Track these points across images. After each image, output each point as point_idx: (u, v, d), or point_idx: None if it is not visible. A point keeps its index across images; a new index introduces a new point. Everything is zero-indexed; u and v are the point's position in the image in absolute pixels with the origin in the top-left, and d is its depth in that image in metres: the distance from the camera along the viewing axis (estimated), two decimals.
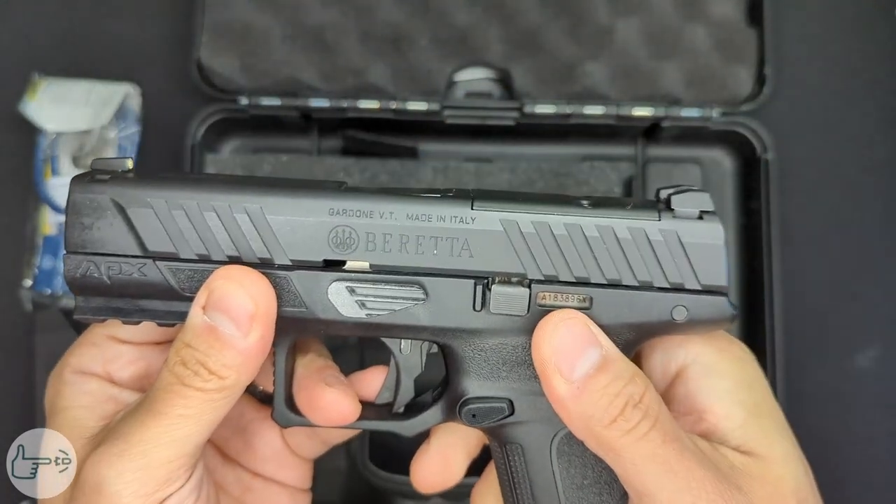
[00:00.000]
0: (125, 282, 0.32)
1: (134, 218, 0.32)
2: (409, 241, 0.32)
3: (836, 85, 0.61)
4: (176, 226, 0.32)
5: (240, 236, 0.32)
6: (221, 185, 0.33)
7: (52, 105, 0.58)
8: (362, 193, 0.33)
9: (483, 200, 0.32)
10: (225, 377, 0.30)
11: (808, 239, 0.59)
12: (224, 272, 0.31)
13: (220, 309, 0.30)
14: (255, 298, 0.31)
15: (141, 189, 0.32)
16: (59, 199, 0.58)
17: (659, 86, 0.56)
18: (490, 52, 0.57)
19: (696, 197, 0.33)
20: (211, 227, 0.32)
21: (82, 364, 0.36)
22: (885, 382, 0.57)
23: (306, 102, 0.56)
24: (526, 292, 0.32)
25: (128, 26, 0.62)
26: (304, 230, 0.32)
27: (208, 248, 0.32)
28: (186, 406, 0.30)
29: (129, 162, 0.34)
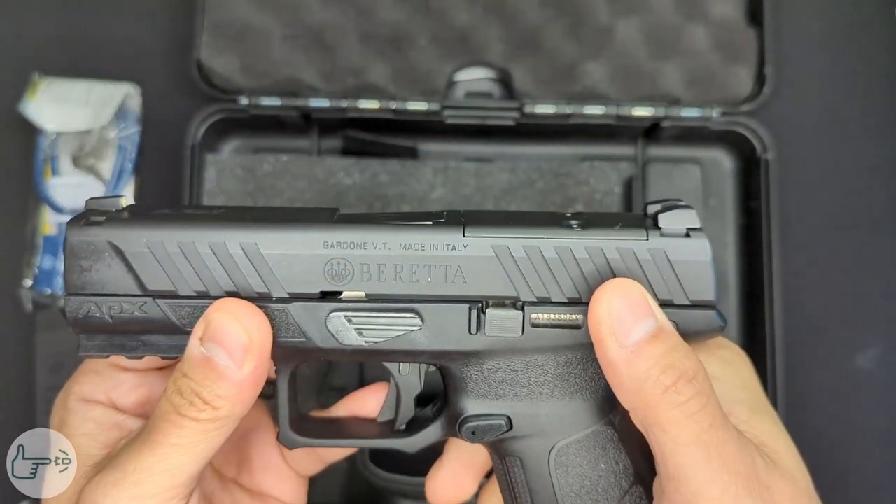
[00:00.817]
0: (127, 320, 0.33)
1: (132, 259, 0.33)
2: (403, 270, 0.33)
3: (836, 85, 0.61)
4: (173, 265, 0.32)
5: (237, 272, 0.32)
6: (216, 221, 0.33)
7: (52, 105, 0.58)
8: (355, 224, 0.33)
9: (474, 226, 0.33)
10: (219, 407, 0.31)
11: (808, 239, 0.59)
12: (220, 305, 0.31)
13: (215, 341, 0.31)
14: (249, 331, 0.31)
15: (136, 230, 0.33)
16: (59, 199, 0.58)
17: (659, 86, 0.56)
18: (490, 52, 0.57)
19: (682, 214, 0.34)
20: (208, 264, 0.32)
21: (85, 392, 0.36)
22: (885, 382, 0.57)
23: (306, 102, 0.56)
24: (519, 315, 0.33)
25: (128, 26, 0.62)
26: (300, 264, 0.32)
27: (206, 284, 0.33)
28: (181, 436, 0.31)
29: (123, 200, 0.34)
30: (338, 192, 0.57)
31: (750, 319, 0.57)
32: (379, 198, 0.57)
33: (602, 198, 0.57)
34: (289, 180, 0.57)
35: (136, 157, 0.59)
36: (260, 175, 0.57)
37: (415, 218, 0.34)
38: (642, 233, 0.33)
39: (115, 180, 0.58)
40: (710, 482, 0.29)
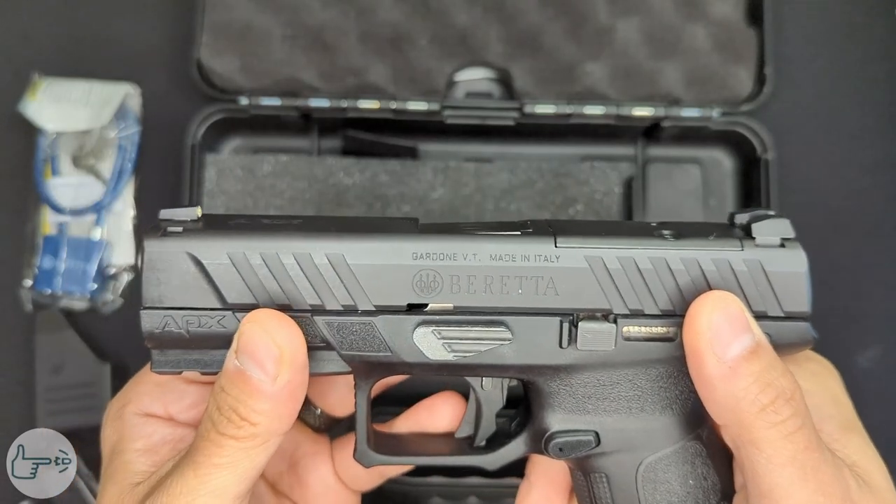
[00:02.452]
0: (205, 335, 0.32)
1: (212, 271, 0.31)
2: (493, 281, 0.32)
3: (836, 85, 0.61)
4: (255, 277, 0.31)
5: (322, 284, 0.32)
6: (299, 231, 0.32)
7: (52, 105, 0.58)
8: (444, 235, 0.32)
9: (565, 236, 0.32)
10: (255, 423, 0.30)
11: (808, 239, 0.59)
12: (252, 316, 0.30)
13: (247, 353, 0.30)
14: (279, 342, 0.30)
15: (217, 240, 0.31)
16: (59, 199, 0.58)
17: (659, 86, 0.56)
18: (490, 52, 0.57)
19: (777, 224, 0.33)
20: (291, 276, 0.31)
21: (144, 405, 0.35)
22: (885, 382, 0.57)
23: (306, 102, 0.56)
24: (612, 328, 0.32)
25: (128, 26, 0.62)
26: (388, 275, 0.31)
27: (289, 297, 0.31)
28: (221, 455, 0.30)
29: (198, 210, 0.33)
30: (338, 192, 0.57)
31: None
32: (379, 198, 0.57)
33: (602, 198, 0.57)
34: (289, 180, 0.57)
35: (136, 157, 0.59)
36: (260, 175, 0.57)
37: (500, 228, 0.33)
38: (737, 243, 0.32)
39: (115, 180, 0.58)
40: (805, 503, 0.29)
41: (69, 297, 0.57)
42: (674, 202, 0.59)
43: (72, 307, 0.57)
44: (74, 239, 0.57)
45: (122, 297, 0.58)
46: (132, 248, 0.58)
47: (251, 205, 0.57)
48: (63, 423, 0.54)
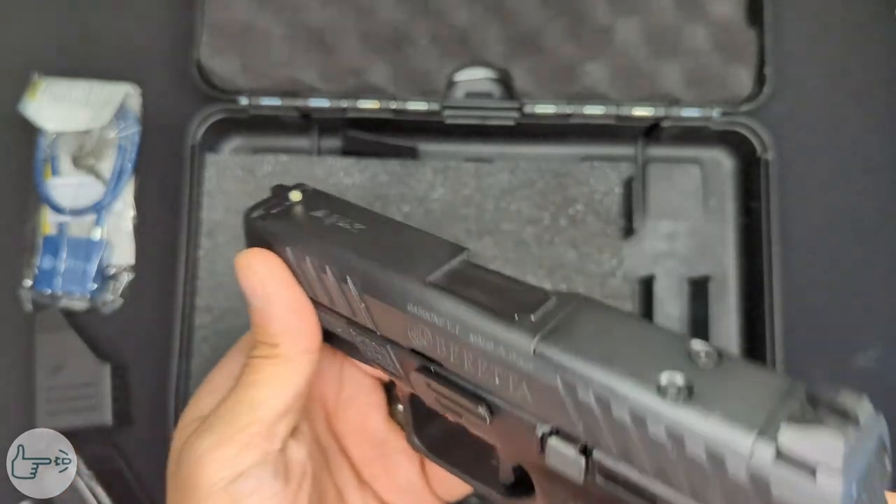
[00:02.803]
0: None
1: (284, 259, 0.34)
2: (476, 358, 0.28)
3: (836, 85, 0.61)
4: (301, 273, 0.33)
5: (344, 304, 0.32)
6: (341, 247, 0.32)
7: (52, 105, 0.58)
8: (445, 293, 0.29)
9: (549, 342, 0.26)
10: (275, 343, 0.32)
11: (808, 239, 0.59)
12: (237, 259, 0.33)
13: (246, 290, 0.33)
14: (255, 269, 0.33)
15: (286, 236, 0.33)
16: (59, 199, 0.58)
17: (659, 86, 0.56)
18: (490, 52, 0.57)
19: (824, 439, 0.21)
20: (329, 289, 0.33)
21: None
22: (885, 382, 0.57)
23: (306, 102, 0.56)
24: (581, 459, 0.26)
25: (128, 26, 0.62)
26: (391, 315, 0.31)
27: (324, 298, 0.33)
28: (255, 372, 0.32)
29: (294, 194, 0.36)
30: (338, 192, 0.57)
31: (750, 319, 0.57)
32: (379, 198, 0.57)
33: (602, 198, 0.57)
34: (289, 180, 0.57)
35: (136, 157, 0.59)
36: (260, 175, 0.57)
37: (515, 297, 0.28)
38: (749, 437, 0.21)
39: (115, 180, 0.58)
40: None
41: (69, 297, 0.57)
42: (674, 202, 0.59)
43: (72, 307, 0.57)
44: (74, 239, 0.57)
45: (122, 297, 0.58)
46: (132, 248, 0.58)
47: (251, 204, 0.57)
48: (63, 423, 0.54)
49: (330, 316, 0.33)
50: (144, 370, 0.57)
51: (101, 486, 0.53)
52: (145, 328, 0.57)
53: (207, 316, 0.55)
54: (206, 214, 0.56)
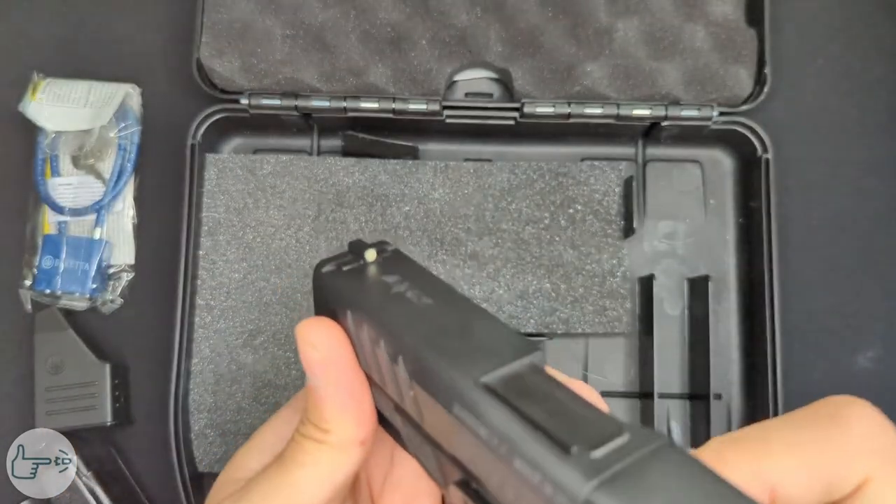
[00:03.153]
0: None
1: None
2: (519, 490, 0.23)
3: (836, 85, 0.61)
4: (360, 344, 0.30)
5: (392, 384, 0.29)
6: (404, 338, 0.27)
7: (52, 105, 0.58)
8: (494, 401, 0.24)
9: (607, 492, 0.20)
10: (327, 429, 0.29)
11: (808, 239, 0.59)
12: (297, 328, 0.30)
13: (303, 362, 0.30)
14: (314, 343, 0.29)
15: (349, 298, 0.30)
16: (59, 199, 0.58)
17: (659, 86, 0.56)
18: (490, 52, 0.57)
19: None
20: (383, 370, 0.29)
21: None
22: (885, 382, 0.57)
23: (306, 102, 0.56)
24: None
25: (128, 26, 0.62)
26: (438, 414, 0.26)
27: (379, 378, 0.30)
28: (303, 453, 0.29)
29: (370, 254, 0.31)
30: (338, 192, 0.57)
31: (750, 319, 0.57)
32: (379, 198, 0.57)
33: (602, 198, 0.57)
34: (289, 180, 0.57)
35: (136, 157, 0.59)
36: (260, 175, 0.57)
37: (581, 423, 0.23)
38: None
39: (114, 180, 0.58)
40: None
41: (69, 296, 0.57)
42: (674, 202, 0.59)
43: (72, 307, 0.57)
44: (74, 239, 0.57)
45: (122, 297, 0.58)
46: (132, 248, 0.58)
47: (251, 204, 0.57)
48: (63, 423, 0.54)
49: (380, 395, 0.30)
50: (144, 370, 0.57)
51: (101, 486, 0.53)
52: (145, 328, 0.57)
53: (207, 316, 0.55)
54: (207, 214, 0.56)
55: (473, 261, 0.56)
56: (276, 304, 0.56)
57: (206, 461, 0.54)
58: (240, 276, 0.56)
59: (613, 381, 0.57)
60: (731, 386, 0.56)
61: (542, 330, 0.56)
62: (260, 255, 0.56)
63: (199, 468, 0.54)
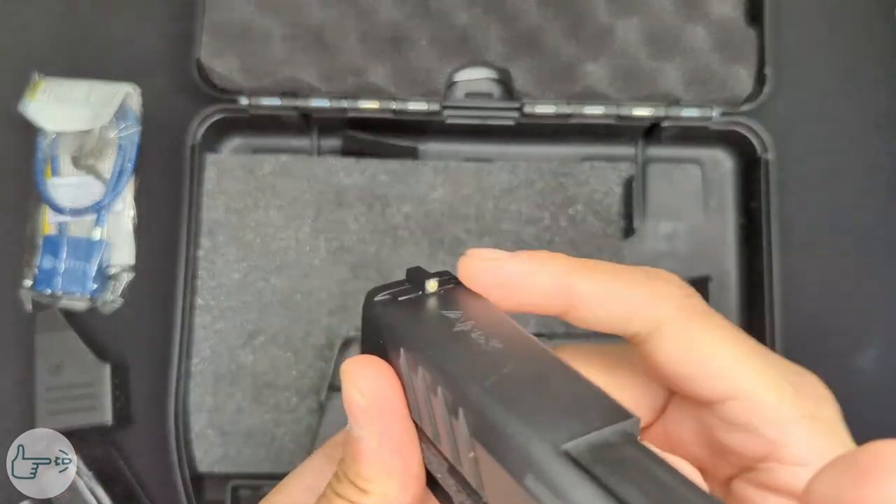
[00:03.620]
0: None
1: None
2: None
3: (836, 85, 0.61)
4: (412, 389, 0.26)
5: (449, 441, 0.24)
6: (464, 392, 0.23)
7: (52, 105, 0.58)
8: (577, 480, 0.20)
9: None
10: (364, 489, 0.25)
11: (808, 239, 0.59)
12: (343, 367, 0.26)
13: (346, 409, 0.25)
14: (362, 390, 0.25)
15: (401, 333, 0.26)
16: (59, 199, 0.58)
17: (659, 86, 0.56)
18: (490, 52, 0.57)
19: None
20: (437, 418, 0.25)
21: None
22: (885, 382, 0.57)
23: (306, 102, 0.56)
24: None
25: (128, 26, 0.62)
26: (504, 484, 0.22)
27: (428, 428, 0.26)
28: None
29: (431, 284, 0.27)
30: (338, 192, 0.57)
31: (750, 319, 0.57)
32: (379, 198, 0.57)
33: (602, 198, 0.57)
34: (289, 180, 0.57)
35: (136, 157, 0.59)
36: (260, 175, 0.57)
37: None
38: None
39: (115, 180, 0.58)
40: None
41: (69, 297, 0.57)
42: (674, 202, 0.59)
43: (72, 307, 0.57)
44: (74, 239, 0.57)
45: (122, 297, 0.58)
46: (132, 248, 0.58)
47: (251, 205, 0.57)
48: (63, 423, 0.54)
49: (431, 453, 0.25)
50: (144, 370, 0.57)
51: (101, 486, 0.53)
52: (145, 328, 0.57)
53: (207, 316, 0.55)
54: (206, 214, 0.56)
55: None
56: (276, 305, 0.56)
57: (206, 461, 0.54)
58: (239, 276, 0.56)
59: None
60: None
61: (542, 330, 0.56)
62: (260, 255, 0.56)
63: (199, 468, 0.54)
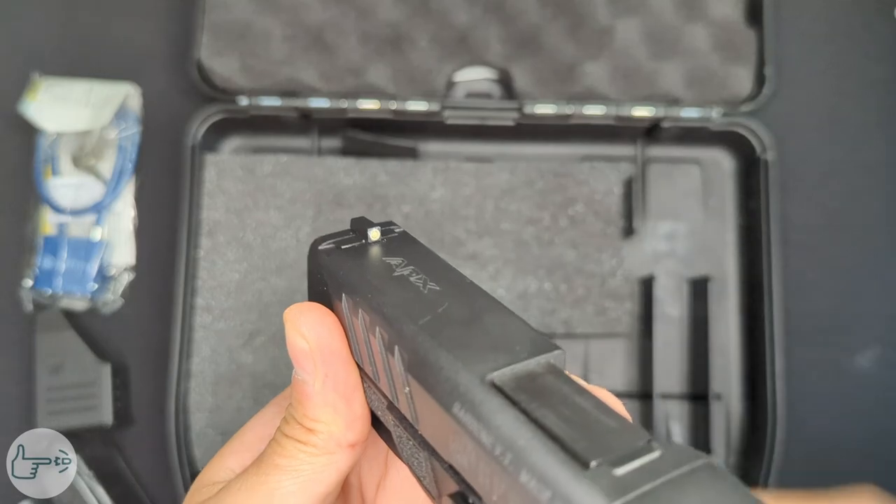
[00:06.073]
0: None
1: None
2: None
3: (835, 85, 0.61)
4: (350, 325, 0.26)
5: (386, 379, 0.25)
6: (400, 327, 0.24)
7: (52, 105, 0.58)
8: (499, 406, 0.20)
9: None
10: (311, 429, 0.26)
11: (808, 239, 0.59)
12: (285, 313, 0.26)
13: (290, 354, 0.26)
14: (305, 335, 0.26)
15: (342, 274, 0.27)
16: (59, 199, 0.58)
17: (659, 86, 0.56)
18: (490, 52, 0.57)
19: None
20: (375, 357, 0.25)
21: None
22: (885, 382, 0.57)
23: (306, 102, 0.56)
24: None
25: (128, 26, 0.62)
26: (435, 415, 0.23)
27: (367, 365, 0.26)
28: (282, 455, 0.26)
29: (374, 233, 0.27)
30: (338, 192, 0.57)
31: (750, 320, 0.57)
32: (379, 198, 0.57)
33: (602, 198, 0.57)
34: (289, 180, 0.57)
35: (136, 157, 0.59)
36: (260, 175, 0.57)
37: (604, 433, 0.19)
38: None
39: (115, 180, 0.58)
40: None
41: (69, 297, 0.57)
42: (674, 202, 0.59)
43: (72, 307, 0.57)
44: (74, 239, 0.57)
45: (122, 297, 0.58)
46: (132, 248, 0.58)
47: (251, 205, 0.57)
48: (63, 423, 0.54)
49: (373, 392, 0.26)
50: (144, 370, 0.57)
51: (101, 486, 0.53)
52: (145, 328, 0.57)
53: (207, 316, 0.55)
54: (206, 214, 0.56)
55: (473, 261, 0.56)
56: (276, 305, 0.56)
57: (205, 461, 0.54)
58: (239, 276, 0.56)
59: (613, 382, 0.57)
60: (731, 386, 0.56)
61: (543, 330, 0.56)
62: (259, 255, 0.56)
63: (199, 468, 0.54)
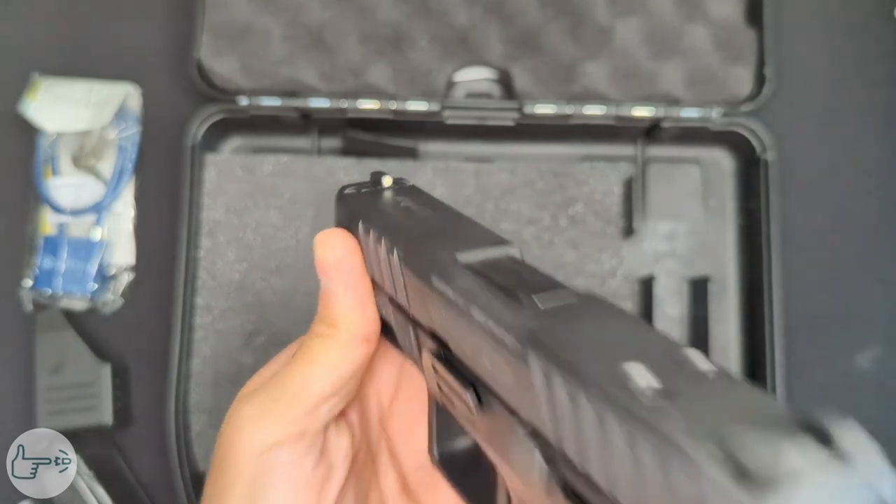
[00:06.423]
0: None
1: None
2: (472, 337, 0.25)
3: (835, 85, 0.61)
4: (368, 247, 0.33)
5: (389, 277, 0.31)
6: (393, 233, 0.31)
7: (52, 105, 0.58)
8: (462, 272, 0.27)
9: (543, 329, 0.22)
10: (333, 323, 0.32)
11: (808, 239, 0.59)
12: (316, 240, 0.33)
13: (318, 269, 0.33)
14: (333, 251, 0.33)
15: (362, 211, 0.34)
16: (59, 199, 0.58)
17: (659, 86, 0.56)
18: (490, 52, 0.57)
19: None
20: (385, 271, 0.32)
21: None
22: (885, 382, 0.57)
23: (306, 102, 0.56)
24: (544, 467, 0.22)
25: (128, 26, 0.62)
26: (419, 291, 0.29)
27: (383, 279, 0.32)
28: (311, 347, 0.32)
29: (387, 180, 0.36)
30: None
31: (750, 320, 0.57)
32: None
33: (602, 198, 0.57)
34: (289, 180, 0.57)
35: (136, 157, 0.59)
36: (260, 175, 0.57)
37: (534, 285, 0.24)
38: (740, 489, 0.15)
39: (115, 180, 0.58)
40: None
41: (69, 297, 0.57)
42: (674, 202, 0.59)
43: (72, 307, 0.57)
44: (74, 239, 0.57)
45: (122, 297, 0.58)
46: (132, 248, 0.58)
47: (251, 205, 0.57)
48: (63, 423, 0.54)
49: (380, 297, 0.33)
50: (144, 370, 0.57)
51: (101, 486, 0.53)
52: (145, 328, 0.57)
53: (207, 316, 0.55)
54: (206, 214, 0.56)
55: None
56: (276, 305, 0.56)
57: (206, 461, 0.54)
58: (239, 276, 0.56)
59: None
60: None
61: None
62: (259, 255, 0.56)
63: (199, 468, 0.54)
